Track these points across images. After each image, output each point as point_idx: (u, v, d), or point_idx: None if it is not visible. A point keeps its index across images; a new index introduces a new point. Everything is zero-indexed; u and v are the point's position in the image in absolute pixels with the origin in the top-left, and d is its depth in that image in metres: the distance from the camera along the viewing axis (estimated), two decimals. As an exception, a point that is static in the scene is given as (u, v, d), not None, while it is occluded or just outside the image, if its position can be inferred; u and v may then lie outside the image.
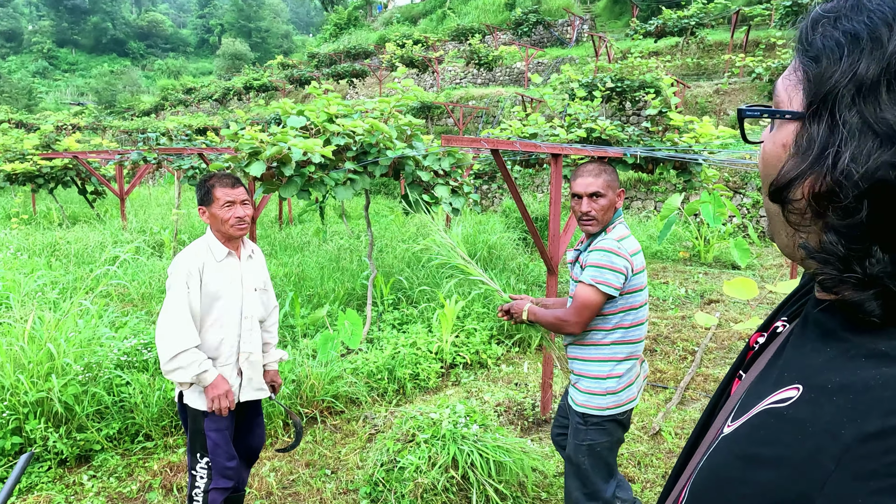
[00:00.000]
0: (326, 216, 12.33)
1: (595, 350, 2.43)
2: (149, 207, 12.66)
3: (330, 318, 5.56)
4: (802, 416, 0.55)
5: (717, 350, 5.63)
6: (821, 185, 0.58)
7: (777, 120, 0.64)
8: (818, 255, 0.59)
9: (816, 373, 0.58)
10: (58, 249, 8.15)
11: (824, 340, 0.61)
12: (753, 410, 0.62)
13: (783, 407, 0.58)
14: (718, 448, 0.63)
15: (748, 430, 0.60)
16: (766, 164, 0.66)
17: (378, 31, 33.39)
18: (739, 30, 18.04)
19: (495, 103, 18.91)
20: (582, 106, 7.74)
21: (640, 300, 2.40)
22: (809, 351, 0.62)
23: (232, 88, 30.34)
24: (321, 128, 4.87)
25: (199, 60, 74.97)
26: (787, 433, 0.55)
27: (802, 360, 0.62)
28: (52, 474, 3.41)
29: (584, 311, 2.33)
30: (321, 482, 3.45)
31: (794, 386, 0.59)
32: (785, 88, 0.64)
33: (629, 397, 2.43)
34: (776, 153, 0.64)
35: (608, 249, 2.32)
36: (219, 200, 2.61)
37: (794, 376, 0.60)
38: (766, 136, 0.67)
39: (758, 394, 0.64)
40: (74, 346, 3.90)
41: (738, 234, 10.78)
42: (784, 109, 0.63)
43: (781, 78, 0.66)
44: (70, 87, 61.41)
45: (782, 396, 0.59)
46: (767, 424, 0.58)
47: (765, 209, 0.69)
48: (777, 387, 0.61)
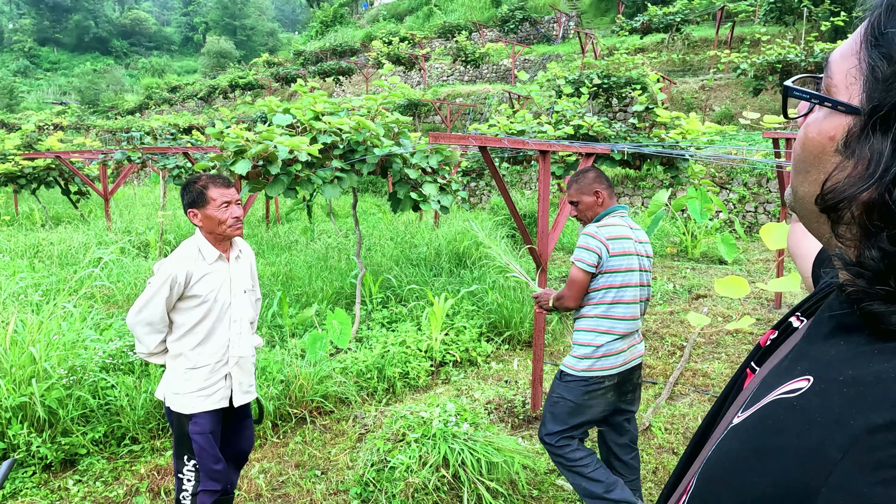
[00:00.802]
0: (314, 215, 12.27)
1: (583, 321, 2.79)
2: (133, 207, 12.53)
3: (318, 317, 5.53)
4: (812, 407, 0.54)
5: (705, 345, 5.66)
6: (880, 205, 0.53)
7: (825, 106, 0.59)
8: (853, 269, 0.57)
9: (828, 365, 0.58)
10: (41, 251, 8.04)
11: (839, 334, 0.61)
12: (763, 401, 0.61)
13: (793, 397, 0.57)
14: (727, 437, 0.63)
15: (757, 420, 0.60)
16: (805, 149, 0.61)
17: (364, 29, 33.26)
18: (724, 26, 18.14)
19: (482, 100, 18.90)
20: (569, 103, 7.74)
21: (619, 281, 2.72)
22: (823, 343, 0.62)
23: (217, 87, 30.08)
24: (307, 126, 4.83)
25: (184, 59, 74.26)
26: (795, 423, 0.54)
27: (815, 352, 0.61)
28: (37, 479, 3.36)
29: (572, 286, 2.73)
30: (311, 483, 3.42)
31: (806, 377, 0.58)
32: (843, 71, 0.58)
33: (603, 366, 2.73)
34: (821, 143, 0.59)
35: (586, 233, 2.72)
36: (215, 201, 2.55)
37: (806, 367, 0.60)
38: (812, 118, 0.62)
39: (769, 385, 0.63)
40: (58, 350, 3.84)
41: (724, 229, 10.84)
42: (838, 100, 0.57)
43: (839, 56, 0.60)
44: (52, 86, 60.63)
45: (793, 387, 0.58)
46: (776, 414, 0.57)
47: (794, 192, 0.65)
48: (788, 377, 0.60)
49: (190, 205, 2.58)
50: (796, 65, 12.84)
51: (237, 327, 2.66)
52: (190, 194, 2.57)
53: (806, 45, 14.17)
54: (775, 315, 6.42)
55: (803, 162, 0.62)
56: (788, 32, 17.17)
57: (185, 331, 2.54)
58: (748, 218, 11.58)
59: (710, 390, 4.64)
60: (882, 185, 0.52)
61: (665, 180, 12.30)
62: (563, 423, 2.78)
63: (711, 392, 4.59)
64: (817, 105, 0.61)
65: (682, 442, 3.85)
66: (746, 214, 11.61)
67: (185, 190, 2.60)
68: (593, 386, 2.72)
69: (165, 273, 2.46)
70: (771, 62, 13.05)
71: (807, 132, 0.61)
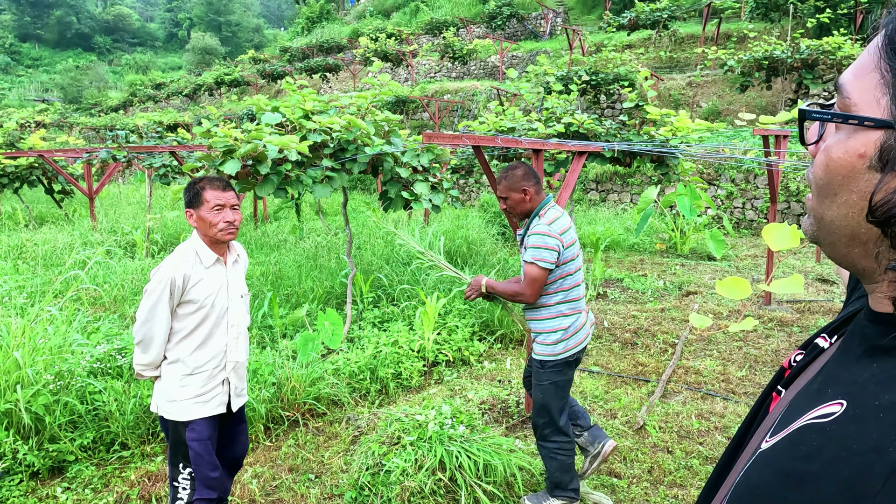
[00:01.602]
0: (302, 213, 12.18)
1: (545, 311, 2.97)
2: (119, 207, 12.36)
3: (309, 317, 5.47)
4: (847, 433, 0.52)
5: (697, 342, 5.67)
6: None
7: (849, 124, 0.57)
8: None
9: (862, 389, 0.55)
10: (25, 252, 7.90)
11: (872, 356, 0.59)
12: (794, 426, 0.59)
13: (826, 422, 0.55)
14: (756, 464, 0.61)
15: (787, 446, 0.58)
16: (829, 172, 0.59)
17: (351, 25, 33.08)
18: (711, 22, 18.23)
19: (470, 97, 18.86)
20: (559, 100, 7.72)
21: (573, 267, 2.95)
22: (855, 366, 0.59)
23: (203, 84, 29.78)
24: (297, 124, 4.77)
25: (168, 55, 73.46)
26: (829, 450, 0.52)
27: (847, 375, 0.59)
28: (24, 487, 3.29)
29: (533, 284, 2.88)
30: (305, 487, 3.38)
31: (838, 401, 0.56)
32: (861, 89, 0.57)
33: (576, 342, 2.97)
34: (849, 163, 0.57)
35: (542, 233, 2.86)
36: (208, 203, 2.50)
37: (838, 391, 0.57)
38: (832, 140, 0.60)
39: (799, 409, 0.61)
40: (44, 354, 3.76)
41: (713, 225, 10.90)
42: (865, 116, 0.56)
43: (852, 76, 0.59)
44: (34, 83, 59.78)
45: (825, 412, 0.56)
46: (808, 440, 0.55)
47: (820, 215, 0.63)
48: (819, 402, 0.58)
49: (188, 204, 2.54)
50: (782, 61, 12.92)
51: (234, 332, 2.62)
52: (188, 194, 2.54)
53: (792, 42, 14.26)
54: (766, 311, 6.46)
55: (829, 185, 0.60)
56: (774, 29, 17.28)
57: (183, 336, 2.49)
58: (736, 214, 11.65)
59: (702, 388, 4.64)
60: None
61: (654, 177, 12.34)
62: (560, 400, 2.98)
63: (704, 390, 4.60)
64: (836, 126, 0.59)
65: (676, 440, 3.85)
66: (734, 211, 11.68)
67: (185, 191, 2.58)
68: (571, 363, 2.98)
69: (164, 277, 2.41)
70: (757, 59, 13.13)
71: (829, 154, 0.59)
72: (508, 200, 3.01)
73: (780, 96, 14.14)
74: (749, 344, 5.58)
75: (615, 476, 3.48)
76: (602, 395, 4.54)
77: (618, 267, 8.80)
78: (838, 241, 0.61)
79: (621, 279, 7.94)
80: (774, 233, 1.74)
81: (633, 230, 10.09)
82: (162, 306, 2.42)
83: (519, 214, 3.02)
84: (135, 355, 2.52)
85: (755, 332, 5.88)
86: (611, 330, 6.01)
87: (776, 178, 6.36)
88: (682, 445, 3.78)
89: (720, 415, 4.19)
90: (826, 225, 0.62)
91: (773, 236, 1.74)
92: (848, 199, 0.58)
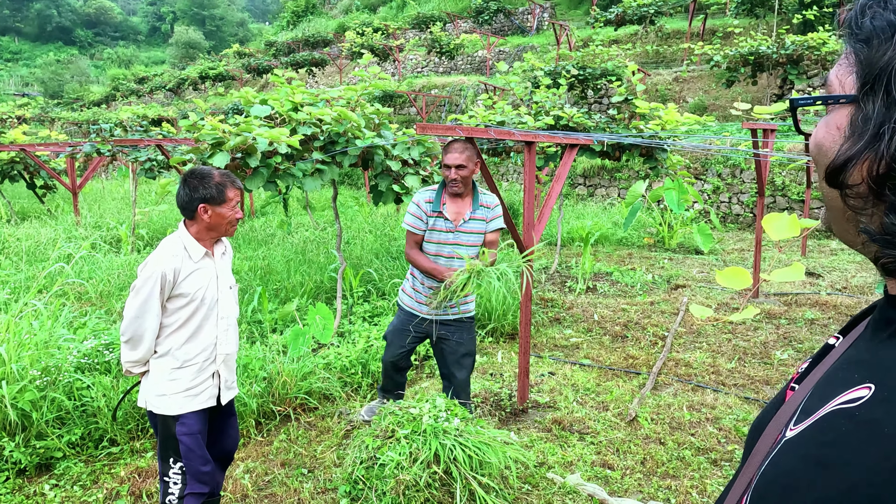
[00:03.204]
0: (290, 208, 12.09)
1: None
2: (103, 202, 12.21)
3: (299, 312, 5.43)
4: (876, 417, 0.52)
5: (686, 335, 5.70)
6: (879, 164, 0.56)
7: (830, 106, 0.64)
8: (880, 238, 0.58)
9: (889, 371, 0.55)
10: (7, 247, 7.77)
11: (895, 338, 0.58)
12: (820, 412, 0.58)
13: (854, 407, 0.54)
14: (782, 451, 0.60)
15: (815, 433, 0.57)
16: (820, 150, 0.64)
17: (337, 19, 32.86)
18: (697, 18, 18.32)
19: (458, 92, 18.82)
20: (548, 94, 7.72)
21: None
22: (881, 350, 0.59)
23: (187, 78, 29.47)
24: (286, 117, 4.72)
25: (151, 49, 72.59)
26: (859, 434, 0.52)
27: (873, 358, 0.59)
28: (11, 485, 3.23)
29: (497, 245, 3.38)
30: (298, 482, 3.36)
31: (866, 385, 0.55)
32: (837, 76, 0.64)
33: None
34: (831, 136, 0.63)
35: (499, 203, 3.43)
36: (231, 201, 2.49)
37: (865, 375, 0.57)
38: (819, 124, 0.66)
39: (823, 396, 0.60)
40: (30, 350, 3.70)
41: (700, 219, 10.97)
42: (836, 94, 0.63)
43: (833, 72, 0.66)
44: (14, 76, 58.84)
45: (852, 396, 0.56)
46: (837, 426, 0.54)
47: (823, 197, 0.66)
48: (846, 387, 0.57)
49: (205, 200, 2.44)
50: (768, 56, 13.02)
51: (224, 324, 2.58)
52: (207, 189, 2.44)
53: (777, 38, 14.37)
54: (754, 304, 6.51)
55: (821, 162, 0.64)
56: (760, 25, 17.40)
57: (173, 330, 2.45)
58: (723, 208, 11.74)
59: (692, 380, 4.67)
60: (877, 143, 0.56)
61: (642, 171, 12.39)
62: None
63: (694, 382, 4.63)
64: (827, 111, 0.66)
65: (669, 431, 3.86)
66: (721, 205, 11.76)
67: (199, 183, 2.44)
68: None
69: (154, 272, 2.36)
70: (743, 54, 13.21)
71: (817, 133, 0.65)
72: (466, 170, 3.23)
73: (765, 91, 14.25)
74: (738, 336, 5.62)
75: (608, 467, 3.49)
76: (594, 388, 4.55)
77: (606, 261, 8.83)
78: (839, 219, 0.65)
79: (610, 273, 7.96)
80: (774, 222, 1.73)
81: (622, 224, 10.13)
82: (152, 302, 2.37)
83: (465, 186, 3.29)
84: (123, 352, 2.47)
85: (744, 325, 5.93)
86: (601, 323, 6.03)
87: (764, 171, 6.41)
88: (673, 437, 3.80)
89: (711, 406, 4.22)
90: (826, 202, 0.66)
91: (773, 226, 1.74)
92: None
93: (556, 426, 3.94)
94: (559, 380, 4.71)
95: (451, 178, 3.25)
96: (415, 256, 3.36)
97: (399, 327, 3.56)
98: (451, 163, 3.24)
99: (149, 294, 2.36)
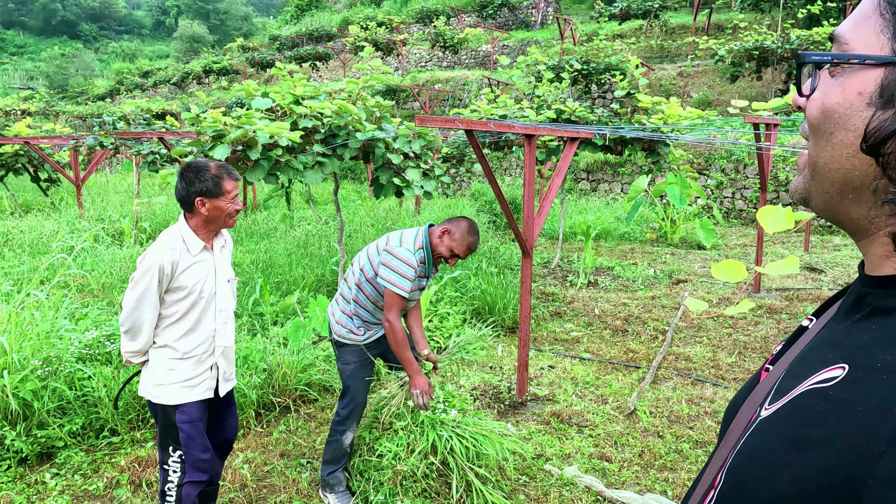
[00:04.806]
0: (293, 201, 12.11)
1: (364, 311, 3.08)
2: (107, 195, 12.24)
3: (300, 305, 5.45)
4: (850, 396, 0.52)
5: (687, 329, 5.70)
6: None
7: (843, 67, 0.59)
8: None
9: (864, 351, 0.55)
10: (11, 239, 7.81)
11: (871, 318, 0.58)
12: (795, 392, 0.58)
13: (828, 386, 0.55)
14: (758, 431, 0.60)
15: (790, 411, 0.57)
16: (829, 116, 0.60)
17: (341, 14, 32.79)
18: (702, 13, 18.23)
19: (461, 86, 18.78)
20: (550, 88, 7.70)
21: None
22: (855, 330, 0.59)
23: (191, 72, 29.46)
24: (288, 110, 4.73)
25: (156, 43, 72.60)
26: (833, 413, 0.52)
27: (847, 339, 0.59)
28: (13, 473, 3.26)
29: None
30: (296, 472, 3.38)
31: (840, 365, 0.56)
32: (859, 34, 0.59)
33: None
34: (847, 101, 0.58)
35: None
36: (229, 193, 2.48)
37: (839, 355, 0.57)
38: (828, 84, 0.61)
39: (797, 376, 0.60)
40: (31, 340, 3.72)
41: (703, 214, 10.94)
42: (867, 54, 0.57)
43: (850, 24, 0.61)
44: (18, 70, 58.94)
45: (827, 376, 0.56)
46: (812, 405, 0.55)
47: (819, 166, 0.63)
48: (820, 367, 0.58)
49: (201, 193, 2.43)
50: (773, 51, 12.95)
51: (222, 317, 2.60)
52: (204, 182, 2.43)
53: (782, 32, 14.29)
54: (755, 299, 6.50)
55: (825, 125, 0.61)
56: (765, 19, 17.31)
57: (172, 322, 2.46)
58: (726, 203, 11.70)
59: (692, 374, 4.67)
60: None
61: (645, 166, 12.36)
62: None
63: (694, 376, 4.63)
64: (831, 73, 0.61)
65: (667, 425, 3.87)
66: (724, 200, 11.73)
67: (195, 176, 2.43)
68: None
69: (152, 264, 2.37)
70: (748, 49, 13.15)
71: (827, 96, 0.60)
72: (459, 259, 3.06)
73: (770, 86, 14.18)
74: (738, 331, 5.62)
75: (606, 460, 3.50)
76: (593, 382, 4.55)
77: (608, 255, 8.82)
78: (831, 188, 0.62)
79: (612, 267, 7.96)
80: (769, 215, 1.73)
81: (624, 219, 10.12)
82: (150, 294, 2.39)
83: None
84: (122, 342, 2.49)
85: (744, 320, 5.92)
86: (602, 317, 6.04)
87: (766, 166, 6.39)
88: (672, 430, 3.81)
89: (710, 400, 4.22)
90: (820, 170, 0.62)
91: (768, 219, 1.74)
92: (843, 139, 0.59)
93: (554, 419, 3.95)
94: (559, 373, 4.72)
95: (451, 264, 3.08)
96: (402, 339, 2.88)
97: (361, 362, 3.14)
98: (464, 257, 3.05)
99: (146, 286, 2.37)
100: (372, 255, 3.00)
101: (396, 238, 2.96)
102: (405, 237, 2.96)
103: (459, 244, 2.94)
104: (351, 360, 3.08)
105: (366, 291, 3.01)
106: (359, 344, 3.08)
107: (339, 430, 3.08)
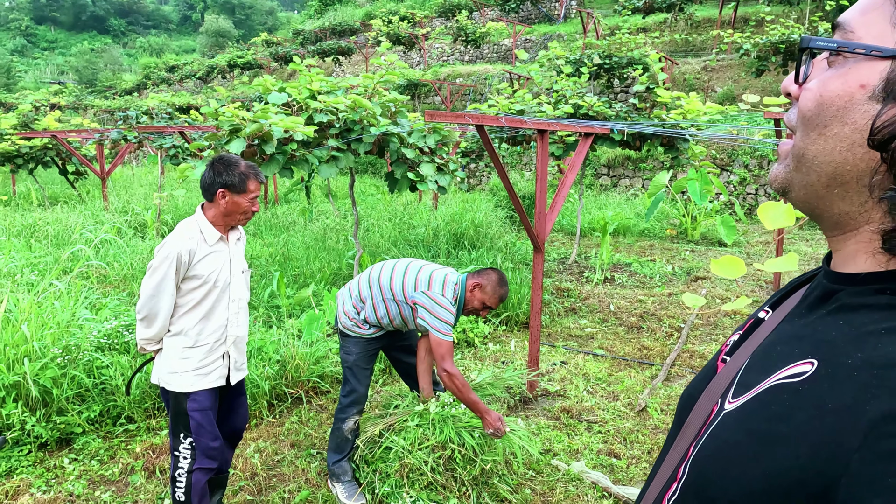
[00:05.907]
0: (313, 196, 12.20)
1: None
2: (131, 188, 12.47)
3: (315, 297, 5.51)
4: (820, 393, 0.52)
5: (703, 327, 5.64)
6: None
7: (846, 57, 0.57)
8: None
9: (833, 347, 0.55)
10: (38, 230, 8.00)
11: (838, 314, 0.58)
12: (762, 386, 0.58)
13: (797, 382, 0.54)
14: (723, 424, 0.59)
15: (758, 406, 0.57)
16: (822, 105, 0.58)
17: (364, 8, 32.87)
18: (728, 6, 17.92)
19: (483, 80, 18.73)
20: (569, 82, 7.65)
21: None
22: (821, 325, 0.59)
23: (216, 66, 29.81)
24: (303, 104, 4.77)
25: (182, 38, 73.53)
26: (803, 409, 0.52)
27: (815, 334, 0.58)
28: (32, 458, 3.36)
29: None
30: (306, 462, 3.43)
31: (808, 361, 0.55)
32: (866, 24, 0.57)
33: None
34: (847, 94, 0.56)
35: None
36: (251, 192, 2.56)
37: (807, 350, 0.56)
38: (828, 74, 0.59)
39: (762, 369, 0.60)
40: (52, 329, 3.82)
41: (724, 211, 10.79)
42: (876, 45, 0.55)
43: (857, 13, 0.59)
44: (50, 65, 60.17)
45: (795, 371, 0.55)
46: (781, 400, 0.54)
47: (808, 159, 0.60)
48: (787, 362, 0.57)
49: (225, 185, 2.51)
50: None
51: (235, 307, 2.65)
52: (231, 176, 2.51)
53: (810, 25, 14.00)
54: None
55: (819, 117, 0.58)
56: (793, 12, 16.96)
57: (187, 310, 2.53)
58: (748, 200, 11.53)
59: (707, 372, 4.63)
60: None
61: (665, 162, 12.22)
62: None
63: (708, 373, 4.58)
64: (829, 62, 0.59)
65: (678, 423, 3.84)
66: (747, 197, 11.55)
67: (224, 168, 2.52)
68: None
69: (170, 253, 2.43)
70: (774, 42, 12.90)
71: (826, 86, 0.58)
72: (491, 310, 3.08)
73: (796, 81, 13.90)
74: (756, 329, 5.54)
75: (614, 456, 3.49)
76: (605, 378, 4.54)
77: (627, 252, 8.75)
78: (817, 182, 0.60)
79: (629, 264, 7.90)
80: (770, 211, 1.71)
81: (644, 215, 10.02)
82: (168, 282, 2.45)
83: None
84: (138, 330, 2.56)
85: (763, 318, 5.84)
86: (617, 314, 6.00)
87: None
88: (683, 428, 3.78)
89: (723, 398, 4.18)
90: (807, 162, 0.60)
91: (769, 215, 1.72)
92: (839, 132, 0.57)
93: (564, 414, 3.95)
94: (571, 369, 4.71)
95: (482, 315, 3.16)
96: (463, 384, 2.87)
97: (364, 354, 3.17)
98: (495, 308, 3.13)
99: (164, 274, 2.44)
100: (408, 285, 2.98)
101: (439, 284, 2.95)
102: (446, 284, 2.96)
103: (491, 297, 2.99)
104: (354, 350, 3.12)
105: (387, 304, 3.05)
106: (363, 337, 3.12)
107: (341, 417, 3.15)
